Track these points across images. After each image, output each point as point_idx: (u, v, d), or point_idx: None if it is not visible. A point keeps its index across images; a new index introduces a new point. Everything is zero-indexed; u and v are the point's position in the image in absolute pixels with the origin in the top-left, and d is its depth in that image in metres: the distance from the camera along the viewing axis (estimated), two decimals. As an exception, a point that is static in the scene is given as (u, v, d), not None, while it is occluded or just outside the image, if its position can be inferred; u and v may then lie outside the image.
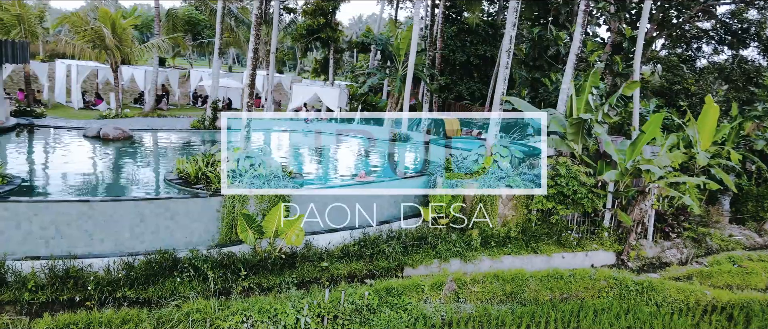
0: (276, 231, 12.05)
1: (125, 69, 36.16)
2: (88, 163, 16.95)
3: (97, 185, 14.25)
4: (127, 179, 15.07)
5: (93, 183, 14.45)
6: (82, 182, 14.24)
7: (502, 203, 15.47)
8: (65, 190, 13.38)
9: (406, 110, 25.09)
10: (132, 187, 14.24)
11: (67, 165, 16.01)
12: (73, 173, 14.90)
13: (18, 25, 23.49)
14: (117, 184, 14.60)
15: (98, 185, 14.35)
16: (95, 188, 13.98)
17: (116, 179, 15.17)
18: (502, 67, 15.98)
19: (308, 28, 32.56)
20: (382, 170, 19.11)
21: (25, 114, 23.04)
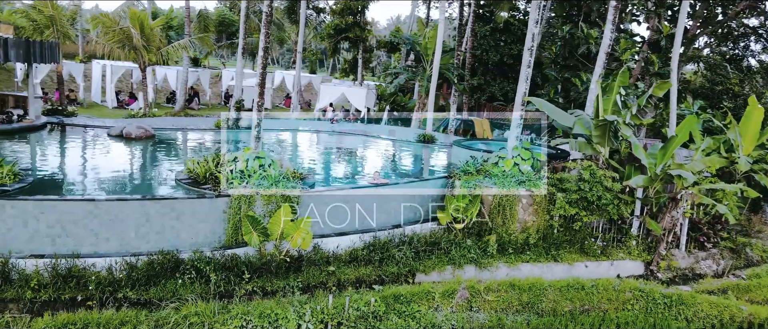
0: (281, 234, 11.77)
1: (158, 69, 36.86)
2: (105, 162, 17.14)
3: (107, 184, 14.31)
4: (138, 178, 15.12)
5: (104, 182, 14.53)
6: (94, 181, 14.34)
7: (522, 208, 14.80)
8: (77, 188, 13.48)
9: (431, 110, 24.55)
10: (142, 186, 14.24)
11: (84, 164, 16.21)
12: (87, 171, 15.04)
13: (51, 26, 24.12)
14: (127, 183, 14.64)
15: (109, 183, 14.41)
16: (105, 186, 14.04)
17: (128, 177, 15.24)
18: (524, 67, 15.30)
19: (336, 28, 32.37)
20: (401, 172, 18.70)
21: (57, 113, 23.60)
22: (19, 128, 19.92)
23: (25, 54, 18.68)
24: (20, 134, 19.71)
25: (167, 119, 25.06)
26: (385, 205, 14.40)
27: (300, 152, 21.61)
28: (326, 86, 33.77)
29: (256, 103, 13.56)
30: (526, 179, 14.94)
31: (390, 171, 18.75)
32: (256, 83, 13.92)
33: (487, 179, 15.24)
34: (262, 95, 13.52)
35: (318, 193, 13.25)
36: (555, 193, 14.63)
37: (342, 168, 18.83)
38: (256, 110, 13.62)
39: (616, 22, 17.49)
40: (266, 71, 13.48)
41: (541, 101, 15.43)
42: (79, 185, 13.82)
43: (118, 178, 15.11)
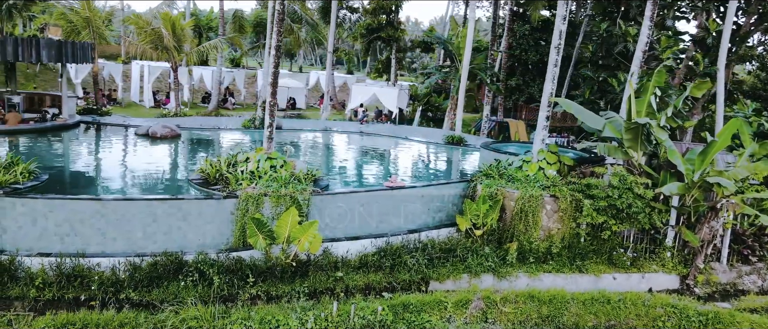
0: (288, 237, 11.45)
1: (195, 69, 37.49)
2: (124, 160, 17.33)
3: (120, 182, 14.38)
4: (152, 178, 15.14)
5: (118, 180, 14.63)
6: (108, 179, 14.45)
7: (546, 215, 14.02)
8: (90, 187, 13.58)
9: (460, 111, 23.88)
10: (154, 185, 14.24)
11: (104, 163, 16.40)
12: (104, 169, 15.19)
13: (87, 27, 24.76)
14: (140, 182, 14.68)
15: (121, 182, 14.48)
16: (118, 185, 14.10)
17: (142, 176, 15.29)
18: (551, 66, 14.51)
19: (368, 27, 32.05)
20: (423, 174, 18.17)
21: (92, 112, 24.18)
22: (52, 127, 20.44)
23: (57, 54, 19.13)
24: (53, 133, 20.22)
25: (197, 119, 25.30)
26: (402, 209, 13.91)
27: (321, 153, 21.35)
28: (358, 87, 33.47)
29: (269, 103, 13.32)
30: (551, 185, 14.15)
31: (410, 174, 18.22)
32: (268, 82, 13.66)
33: (509, 183, 14.53)
34: (274, 94, 13.26)
35: (330, 195, 12.88)
36: (581, 200, 13.78)
37: (361, 170, 18.44)
38: (268, 110, 13.38)
39: (654, 19, 16.43)
40: (278, 70, 13.21)
41: (569, 102, 14.59)
42: (92, 184, 13.93)
43: (132, 177, 15.20)
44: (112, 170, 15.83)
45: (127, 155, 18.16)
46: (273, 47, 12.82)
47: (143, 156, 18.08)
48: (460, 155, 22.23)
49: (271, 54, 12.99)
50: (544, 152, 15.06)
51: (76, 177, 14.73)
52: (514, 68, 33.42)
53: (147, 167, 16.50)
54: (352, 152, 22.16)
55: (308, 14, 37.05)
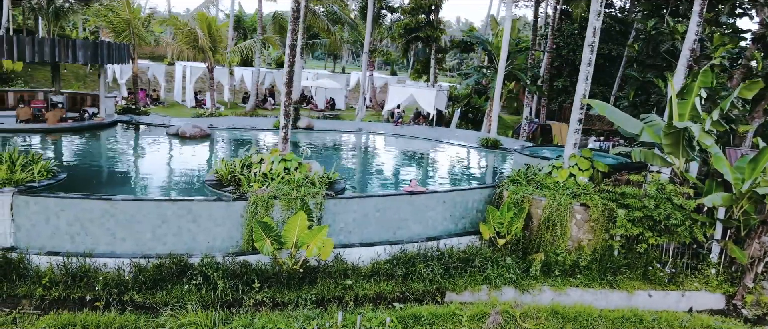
0: (297, 242, 11.07)
1: (237, 70, 37.99)
2: (147, 160, 17.51)
3: (136, 182, 14.42)
4: (168, 178, 15.13)
5: (135, 179, 14.69)
6: (125, 178, 14.54)
7: (575, 225, 13.10)
8: (106, 185, 13.68)
9: (496, 113, 22.99)
10: (169, 185, 14.20)
11: (126, 161, 16.59)
12: (125, 168, 15.33)
13: (127, 29, 25.38)
14: (156, 181, 14.69)
15: (138, 181, 14.53)
16: (134, 184, 14.14)
17: (159, 176, 15.32)
18: (584, 65, 13.56)
19: (406, 27, 31.50)
20: (449, 178, 17.47)
21: (130, 112, 24.72)
22: (89, 126, 20.95)
23: (92, 55, 19.57)
24: (89, 131, 20.73)
25: (231, 119, 25.47)
26: (421, 215, 13.33)
27: (346, 155, 20.93)
28: (395, 88, 32.98)
29: (283, 104, 13.01)
30: (582, 192, 13.21)
31: (436, 178, 17.57)
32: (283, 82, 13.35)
33: (537, 190, 13.68)
34: (289, 94, 12.93)
35: (343, 199, 12.43)
36: (615, 209, 12.79)
37: (384, 173, 17.90)
38: (282, 111, 13.07)
39: (703, 15, 15.15)
40: (293, 70, 12.88)
41: (603, 104, 13.57)
42: (109, 183, 14.03)
43: (150, 176, 15.25)
44: (133, 169, 15.98)
45: (151, 155, 18.37)
46: (288, 46, 12.50)
47: (167, 156, 18.24)
48: (492, 159, 21.36)
49: (286, 53, 12.68)
50: (576, 158, 14.11)
51: (96, 176, 14.91)
52: (561, 69, 32.08)
53: (167, 167, 16.56)
54: (379, 155, 21.65)
55: (346, 13, 36.85)
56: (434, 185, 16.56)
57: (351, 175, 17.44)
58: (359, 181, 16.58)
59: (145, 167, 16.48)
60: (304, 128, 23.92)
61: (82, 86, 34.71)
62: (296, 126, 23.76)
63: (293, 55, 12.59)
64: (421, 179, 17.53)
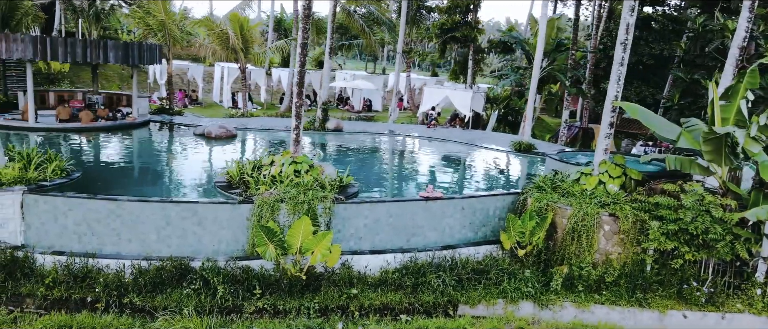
0: (301, 248, 10.67)
1: (275, 70, 38.21)
2: (166, 159, 17.57)
3: (149, 181, 14.40)
4: (181, 178, 15.05)
5: (148, 179, 14.69)
6: (139, 178, 14.55)
7: (604, 237, 12.15)
8: (120, 185, 13.69)
9: (530, 115, 22.01)
10: (179, 186, 14.10)
11: (144, 160, 16.68)
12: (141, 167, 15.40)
13: (162, 29, 25.79)
14: (168, 181, 14.63)
15: (151, 181, 14.51)
16: (147, 184, 14.11)
17: (173, 176, 15.26)
18: (616, 65, 12.59)
19: (442, 27, 30.76)
20: (473, 184, 16.72)
21: (164, 112, 25.09)
22: (120, 125, 21.33)
23: (123, 56, 19.87)
24: (121, 131, 21.11)
25: (262, 120, 25.47)
26: (437, 222, 12.70)
27: (369, 158, 20.41)
28: (430, 89, 32.28)
29: (294, 104, 12.64)
30: (612, 202, 12.24)
31: (457, 182, 16.84)
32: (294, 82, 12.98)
33: (562, 198, 12.80)
34: (300, 95, 12.55)
35: (354, 204, 11.95)
36: (647, 221, 11.77)
37: (404, 177, 17.28)
38: (294, 111, 12.71)
39: (754, 10, 13.87)
40: (304, 69, 12.49)
41: (634, 106, 12.52)
42: (123, 182, 14.07)
43: (164, 176, 15.23)
44: (150, 168, 16.03)
45: (171, 155, 18.44)
46: (299, 45, 12.12)
47: (187, 156, 18.27)
48: (523, 164, 20.41)
49: (297, 53, 12.30)
50: (607, 164, 13.13)
51: (111, 175, 14.99)
52: (607, 70, 30.49)
53: (184, 167, 16.51)
54: (405, 158, 21.01)
55: (384, 14, 36.42)
56: (456, 190, 15.86)
57: (371, 178, 16.96)
58: (378, 185, 16.06)
59: (162, 167, 16.51)
60: (332, 129, 23.63)
61: (124, 87, 35.72)
62: (324, 127, 23.49)
63: (303, 54, 12.20)
64: (444, 183, 16.88)
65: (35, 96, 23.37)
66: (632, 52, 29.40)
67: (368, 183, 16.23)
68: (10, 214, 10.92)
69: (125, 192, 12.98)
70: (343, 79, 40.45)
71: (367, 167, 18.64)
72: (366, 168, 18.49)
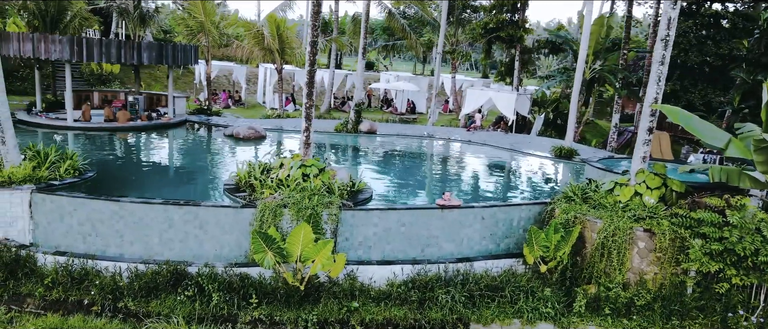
0: (301, 256, 10.13)
1: (319, 71, 38.09)
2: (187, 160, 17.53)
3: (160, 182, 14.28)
4: (192, 179, 14.85)
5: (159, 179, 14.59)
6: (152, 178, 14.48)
7: (638, 254, 10.95)
8: (132, 185, 13.64)
9: (573, 118, 20.62)
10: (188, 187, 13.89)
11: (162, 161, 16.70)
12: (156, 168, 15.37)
13: (202, 30, 26.03)
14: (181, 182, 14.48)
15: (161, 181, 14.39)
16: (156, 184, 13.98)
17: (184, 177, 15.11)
18: (656, 63, 11.34)
19: (485, 26, 29.64)
20: (500, 192, 15.68)
21: (202, 112, 25.34)
22: (155, 125, 21.61)
23: (157, 56, 20.10)
24: (156, 130, 21.40)
25: (297, 121, 25.23)
26: (454, 232, 11.87)
27: (397, 162, 19.65)
28: (473, 91, 31.18)
29: (305, 105, 12.13)
30: (647, 216, 11.02)
31: (484, 190, 15.86)
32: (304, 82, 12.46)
33: (593, 210, 11.67)
34: (310, 95, 12.03)
35: (363, 211, 11.30)
36: (688, 239, 10.50)
37: (428, 183, 16.42)
38: (304, 113, 12.20)
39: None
40: (314, 69, 11.95)
41: (675, 110, 11.18)
42: (136, 182, 14.04)
43: (179, 177, 15.10)
44: (167, 169, 15.97)
45: (193, 155, 18.42)
46: (308, 44, 11.61)
47: (209, 157, 18.20)
48: (562, 171, 19.11)
49: (307, 51, 11.79)
50: (645, 174, 11.87)
51: (127, 174, 14.99)
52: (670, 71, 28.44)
53: (201, 169, 16.34)
54: (435, 163, 20.06)
55: (429, 14, 35.56)
56: (480, 198, 14.91)
57: (394, 183, 16.26)
58: (399, 191, 15.33)
59: (181, 168, 16.42)
60: (365, 131, 23.07)
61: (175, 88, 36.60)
62: (357, 130, 22.97)
63: (313, 52, 11.67)
64: (467, 191, 15.95)
65: (81, 97, 24.20)
66: (697, 52, 27.44)
67: (389, 189, 15.56)
68: (18, 212, 10.98)
69: (137, 192, 12.92)
70: (386, 81, 39.92)
71: (392, 172, 17.96)
72: (391, 173, 17.82)
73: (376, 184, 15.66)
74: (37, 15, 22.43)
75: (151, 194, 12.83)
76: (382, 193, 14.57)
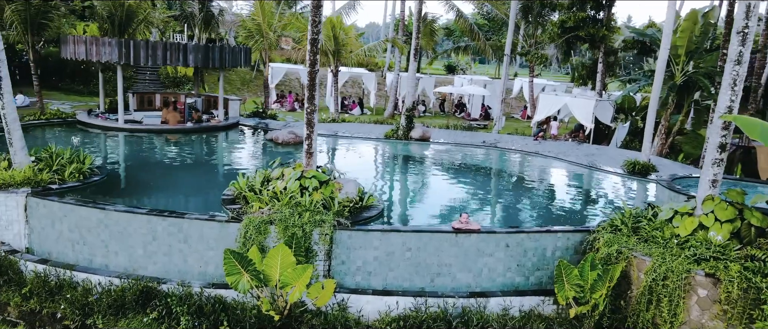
0: (280, 281, 8.96)
1: (389, 75, 37.06)
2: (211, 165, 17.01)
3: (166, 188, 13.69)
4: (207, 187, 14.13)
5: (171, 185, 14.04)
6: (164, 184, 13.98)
7: (697, 304, 8.66)
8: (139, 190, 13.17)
9: (650, 128, 17.82)
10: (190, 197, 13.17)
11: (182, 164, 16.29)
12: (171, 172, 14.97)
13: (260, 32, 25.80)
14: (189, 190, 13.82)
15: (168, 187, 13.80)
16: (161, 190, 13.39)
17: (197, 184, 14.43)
18: (730, 63, 8.94)
19: (562, 25, 26.98)
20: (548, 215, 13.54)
21: (257, 115, 25.11)
22: (204, 127, 21.54)
23: (203, 58, 19.94)
24: (205, 133, 21.33)
25: (351, 126, 24.26)
26: (471, 261, 10.19)
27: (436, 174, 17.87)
28: (546, 96, 28.55)
29: (306, 110, 10.93)
30: (712, 257, 8.68)
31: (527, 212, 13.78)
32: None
33: (642, 244, 9.47)
34: (311, 99, 10.79)
35: (361, 231, 9.92)
36: (766, 290, 8.08)
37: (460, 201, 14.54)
38: (305, 119, 11.00)
39: None
40: (315, 70, 10.70)
41: (754, 122, 8.63)
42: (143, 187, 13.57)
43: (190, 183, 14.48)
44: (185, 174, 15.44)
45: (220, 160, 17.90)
46: (309, 41, 10.40)
47: (235, 162, 17.59)
48: (628, 190, 16.42)
49: (307, 50, 10.57)
50: (714, 202, 9.45)
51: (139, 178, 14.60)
52: None
53: (218, 175, 15.64)
54: (478, 175, 17.89)
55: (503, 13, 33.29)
56: (519, 221, 12.95)
57: (417, 200, 14.68)
58: (421, 209, 13.71)
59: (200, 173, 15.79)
60: (417, 138, 21.54)
61: (245, 90, 37.19)
62: (408, 136, 21.52)
63: (313, 52, 10.43)
64: (501, 211, 13.97)
65: (143, 99, 24.83)
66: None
67: (412, 205, 14.03)
68: (14, 216, 10.77)
69: (143, 198, 12.42)
70: (459, 85, 38.02)
71: (424, 186, 16.32)
72: (422, 186, 16.20)
73: (400, 199, 14.20)
74: (107, 19, 23.23)
75: (155, 202, 12.29)
76: (399, 210, 13.08)
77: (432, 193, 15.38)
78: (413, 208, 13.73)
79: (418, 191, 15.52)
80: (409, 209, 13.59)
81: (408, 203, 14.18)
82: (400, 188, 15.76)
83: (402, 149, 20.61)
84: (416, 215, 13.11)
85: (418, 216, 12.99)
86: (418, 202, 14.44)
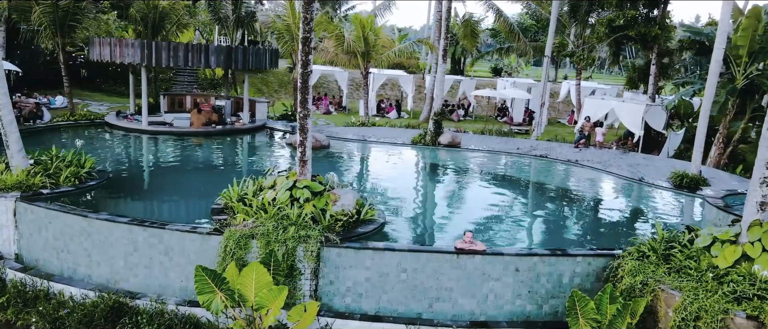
0: (255, 303, 8.17)
1: (428, 77, 36.01)
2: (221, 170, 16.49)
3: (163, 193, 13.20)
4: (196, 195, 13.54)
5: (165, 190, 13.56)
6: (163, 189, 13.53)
7: (736, 351, 7.24)
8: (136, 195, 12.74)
9: (701, 137, 16.02)
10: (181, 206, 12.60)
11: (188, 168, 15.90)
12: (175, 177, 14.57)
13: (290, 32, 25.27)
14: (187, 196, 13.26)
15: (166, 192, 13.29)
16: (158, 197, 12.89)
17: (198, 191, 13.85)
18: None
19: (609, 24, 25.12)
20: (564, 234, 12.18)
21: (286, 118, 24.67)
22: (228, 130, 21.25)
23: (226, 59, 19.60)
24: (229, 135, 21.02)
25: (380, 130, 23.39)
26: (475, 285, 9.12)
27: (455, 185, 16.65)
28: (591, 100, 26.75)
29: (299, 115, 10.09)
30: (757, 296, 7.24)
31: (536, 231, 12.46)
32: (308, 83, 10.41)
33: (672, 275, 8.11)
34: (304, 103, 9.96)
35: (352, 249, 9.01)
36: (823, 341, 6.60)
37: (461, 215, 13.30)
38: (298, 124, 10.17)
39: None
40: (308, 71, 9.86)
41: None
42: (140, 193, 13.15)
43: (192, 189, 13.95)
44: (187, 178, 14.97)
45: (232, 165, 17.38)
46: (300, 41, 9.58)
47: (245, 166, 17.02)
48: (673, 207, 14.73)
49: (299, 50, 9.76)
50: (763, 228, 7.95)
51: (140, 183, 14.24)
52: None
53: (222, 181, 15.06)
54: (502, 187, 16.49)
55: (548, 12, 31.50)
56: (535, 242, 11.68)
57: (426, 214, 13.58)
58: (428, 225, 12.62)
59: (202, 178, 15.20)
60: (446, 144, 20.40)
61: (282, 92, 36.99)
62: (437, 142, 20.42)
63: (305, 51, 9.62)
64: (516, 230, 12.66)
65: (173, 101, 24.85)
66: None
67: (419, 220, 12.96)
68: (3, 221, 10.50)
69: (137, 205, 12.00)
70: (503, 88, 36.44)
71: (441, 198, 15.21)
72: (436, 199, 15.09)
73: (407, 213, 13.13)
74: (140, 21, 23.38)
75: (149, 208, 11.84)
76: (404, 226, 12.01)
77: (445, 207, 14.25)
78: (418, 224, 12.65)
79: (430, 205, 14.42)
80: (414, 225, 12.51)
81: (415, 218, 13.05)
82: (412, 200, 14.62)
83: (426, 156, 19.54)
84: (421, 232, 12.08)
85: (423, 233, 11.94)
86: (426, 217, 13.33)
